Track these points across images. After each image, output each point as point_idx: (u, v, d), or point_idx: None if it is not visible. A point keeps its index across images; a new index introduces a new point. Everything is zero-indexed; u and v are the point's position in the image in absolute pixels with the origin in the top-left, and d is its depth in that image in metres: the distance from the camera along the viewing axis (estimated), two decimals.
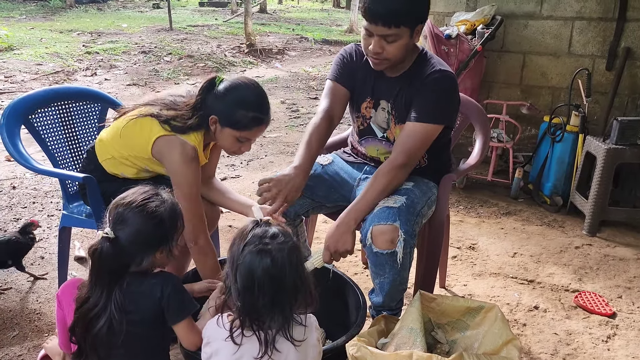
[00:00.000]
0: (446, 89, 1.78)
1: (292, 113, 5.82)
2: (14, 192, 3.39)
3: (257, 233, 1.28)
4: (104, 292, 1.33)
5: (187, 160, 1.66)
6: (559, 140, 3.25)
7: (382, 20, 1.63)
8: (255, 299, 1.24)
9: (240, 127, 1.69)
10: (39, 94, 2.03)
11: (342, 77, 1.91)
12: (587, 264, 2.61)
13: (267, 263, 1.23)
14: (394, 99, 1.83)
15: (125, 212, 1.34)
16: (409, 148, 1.77)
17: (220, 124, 1.69)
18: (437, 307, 1.73)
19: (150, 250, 1.37)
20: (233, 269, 1.27)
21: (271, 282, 1.24)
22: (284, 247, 1.27)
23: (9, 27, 10.47)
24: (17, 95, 6.17)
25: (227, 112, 1.67)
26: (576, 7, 3.54)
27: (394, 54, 1.70)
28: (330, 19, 17.15)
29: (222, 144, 1.78)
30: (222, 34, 11.40)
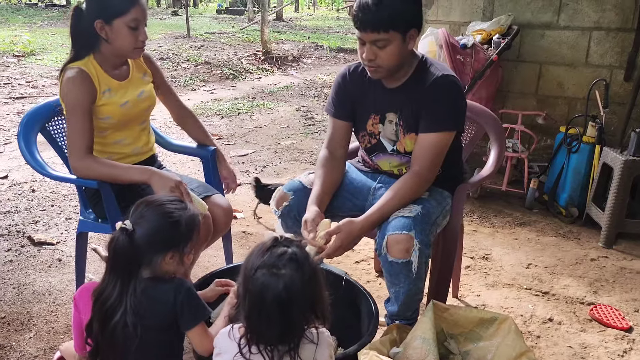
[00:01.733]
0: (452, 94, 1.79)
1: (307, 120, 5.85)
2: (33, 195, 3.45)
3: (274, 253, 1.23)
4: (117, 284, 1.35)
5: (65, 80, 1.79)
6: (575, 151, 3.23)
7: (370, 26, 1.65)
8: (262, 323, 1.21)
9: (125, 11, 1.76)
10: (54, 103, 2.06)
11: (338, 111, 1.96)
12: (603, 276, 2.58)
13: (277, 289, 1.18)
14: (401, 110, 1.84)
15: (147, 209, 1.38)
16: (429, 159, 1.79)
17: (106, 22, 1.77)
18: (450, 317, 1.73)
19: (161, 249, 1.38)
20: (244, 287, 1.24)
21: (279, 309, 1.19)
22: (298, 274, 1.21)
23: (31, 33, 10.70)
24: (37, 100, 6.29)
25: (106, 8, 1.76)
26: (594, 18, 3.52)
27: (387, 59, 1.71)
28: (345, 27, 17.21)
29: (121, 44, 1.82)
30: (238, 41, 11.50)
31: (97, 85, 1.84)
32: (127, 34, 1.81)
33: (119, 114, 1.91)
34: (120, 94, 1.90)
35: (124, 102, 1.91)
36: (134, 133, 2.01)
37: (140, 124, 2.03)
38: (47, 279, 2.41)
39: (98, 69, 1.86)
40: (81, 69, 1.81)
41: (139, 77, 1.99)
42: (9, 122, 5.29)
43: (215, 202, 2.00)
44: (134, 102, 1.95)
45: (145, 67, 2.03)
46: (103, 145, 1.93)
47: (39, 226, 2.98)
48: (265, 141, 5.01)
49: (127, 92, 1.93)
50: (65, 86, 1.81)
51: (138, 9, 1.80)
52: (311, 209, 1.79)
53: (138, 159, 2.04)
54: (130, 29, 1.80)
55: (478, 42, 3.53)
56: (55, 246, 2.73)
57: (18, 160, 4.12)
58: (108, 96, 1.87)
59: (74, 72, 1.80)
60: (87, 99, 1.80)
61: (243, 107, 6.37)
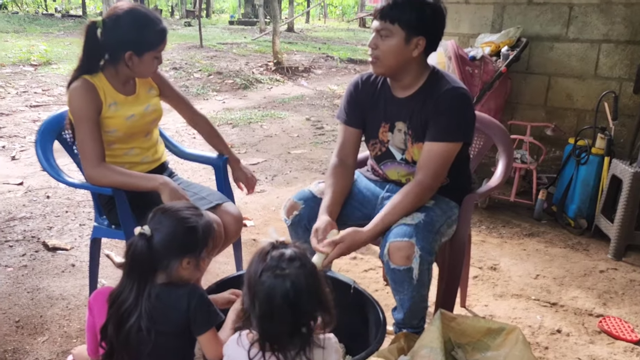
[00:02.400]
0: (461, 105, 1.82)
1: (317, 130, 5.90)
2: (47, 201, 3.51)
3: (274, 256, 1.26)
4: (134, 287, 1.38)
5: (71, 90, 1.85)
6: (584, 163, 3.23)
7: (379, 14, 1.76)
8: (274, 325, 1.23)
9: (156, 45, 1.86)
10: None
11: (350, 118, 2.00)
12: (612, 288, 2.58)
13: (285, 289, 1.21)
14: (410, 119, 1.87)
15: (163, 215, 1.42)
16: (433, 169, 1.81)
17: (137, 55, 1.85)
18: (457, 326, 1.74)
19: (177, 254, 1.41)
20: (250, 294, 1.26)
21: (290, 308, 1.22)
22: (301, 271, 1.24)
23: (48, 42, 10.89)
24: (53, 108, 6.40)
25: (140, 40, 1.83)
26: (603, 30, 3.54)
27: (385, 53, 1.77)
28: (355, 38, 17.31)
29: (144, 71, 1.92)
30: (250, 51, 11.62)
31: (102, 97, 1.89)
32: (152, 64, 1.90)
33: (125, 127, 1.96)
34: (126, 108, 1.96)
35: (129, 115, 1.96)
36: (141, 144, 2.06)
37: (145, 136, 2.08)
38: (61, 283, 2.46)
39: (105, 83, 1.91)
40: (87, 80, 1.87)
41: (145, 92, 2.06)
42: (25, 129, 5.39)
43: (226, 210, 2.03)
44: (141, 115, 2.01)
45: (151, 81, 2.09)
46: (114, 157, 1.98)
47: (53, 232, 3.03)
48: (276, 150, 5.05)
49: (133, 106, 1.99)
50: (71, 96, 1.87)
51: (164, 42, 1.91)
52: (322, 218, 1.82)
53: (148, 167, 2.08)
54: (155, 58, 1.89)
55: (487, 54, 3.55)
56: (69, 251, 2.79)
57: (34, 167, 4.20)
58: (114, 109, 1.92)
59: (79, 82, 1.86)
60: (92, 109, 1.85)
61: (254, 116, 6.44)
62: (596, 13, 3.54)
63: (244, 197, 3.68)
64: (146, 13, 1.89)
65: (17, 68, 8.35)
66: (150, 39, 1.85)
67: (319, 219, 1.83)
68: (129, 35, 1.83)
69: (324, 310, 1.29)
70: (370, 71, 1.97)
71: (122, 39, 1.83)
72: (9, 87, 7.18)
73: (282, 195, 3.77)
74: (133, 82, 2.02)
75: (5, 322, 2.15)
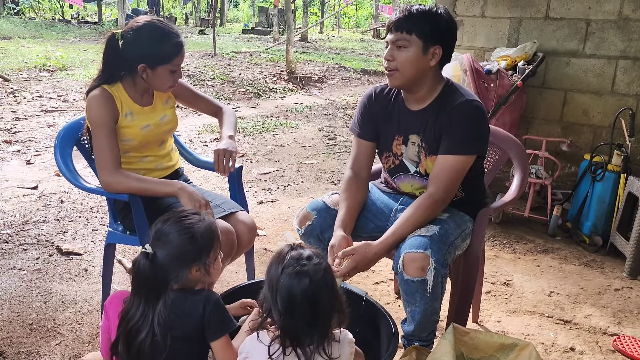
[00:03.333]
0: (475, 119, 1.81)
1: (329, 141, 5.90)
2: (61, 206, 3.54)
3: (293, 255, 1.34)
4: (141, 305, 1.39)
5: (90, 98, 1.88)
6: (600, 179, 3.20)
7: (395, 25, 1.77)
8: (296, 319, 1.29)
9: (171, 58, 1.87)
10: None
11: (363, 131, 2.00)
12: (627, 307, 2.55)
13: (305, 284, 1.29)
14: (423, 132, 1.87)
15: (163, 229, 1.43)
16: (445, 182, 1.80)
17: (150, 68, 1.86)
18: (470, 341, 1.72)
19: (184, 265, 1.42)
20: (272, 291, 1.32)
21: (310, 302, 1.29)
22: (319, 267, 1.33)
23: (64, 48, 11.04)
24: (68, 113, 6.48)
25: (153, 54, 1.85)
26: (620, 47, 3.52)
27: (402, 64, 1.77)
28: (369, 49, 17.37)
29: (158, 84, 1.93)
30: (263, 60, 11.69)
31: (119, 106, 1.92)
32: (167, 77, 1.92)
33: (140, 137, 1.98)
34: (142, 118, 1.99)
35: (145, 125, 1.99)
36: (155, 152, 2.09)
37: (160, 145, 2.10)
38: (74, 288, 2.47)
39: (122, 93, 1.94)
40: (105, 90, 1.90)
41: (162, 103, 2.08)
42: (40, 134, 5.45)
43: (239, 219, 2.04)
44: (156, 125, 2.03)
45: (169, 92, 2.11)
46: (129, 164, 2.00)
47: (66, 236, 3.05)
48: (288, 160, 5.07)
49: (149, 116, 2.01)
50: (89, 104, 1.90)
51: (181, 55, 1.91)
52: (337, 233, 1.82)
53: (163, 174, 2.10)
54: (171, 72, 1.91)
55: (503, 68, 3.55)
56: (82, 256, 2.80)
57: (48, 172, 4.25)
58: (130, 119, 1.95)
59: (98, 91, 1.90)
60: (109, 117, 1.88)
61: (266, 125, 6.47)
62: (613, 29, 3.53)
63: (255, 206, 3.69)
64: (162, 27, 1.90)
65: (34, 73, 8.47)
66: (164, 52, 1.87)
67: (334, 234, 1.83)
68: (143, 48, 1.85)
69: (339, 308, 1.36)
70: (385, 83, 1.98)
71: (137, 51, 1.86)
72: (25, 92, 7.28)
73: (293, 205, 3.77)
74: (151, 93, 2.04)
75: (19, 325, 2.16)
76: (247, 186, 4.17)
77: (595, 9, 3.55)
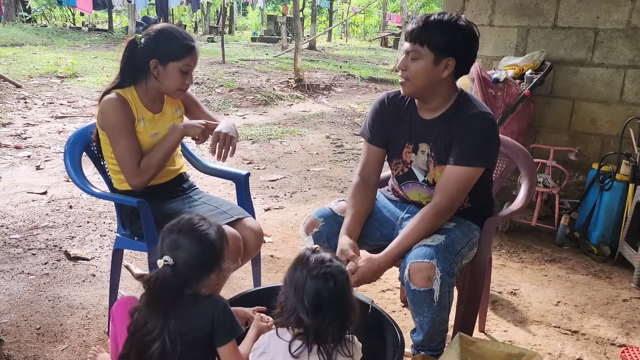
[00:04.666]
0: (486, 131, 1.81)
1: (337, 148, 5.91)
2: (70, 211, 3.57)
3: (317, 258, 1.40)
4: (154, 317, 1.38)
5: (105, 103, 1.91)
6: (608, 189, 3.19)
7: (409, 36, 1.78)
8: (323, 318, 1.35)
9: (180, 56, 1.91)
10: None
11: (374, 136, 2.00)
12: (635, 318, 2.52)
13: (331, 284, 1.36)
14: (434, 141, 1.87)
15: (179, 238, 1.42)
16: (451, 192, 1.80)
17: (161, 64, 1.91)
18: (476, 350, 1.72)
19: (206, 272, 1.44)
20: (298, 293, 1.37)
21: (336, 302, 1.36)
22: (342, 268, 1.41)
23: (75, 55, 11.15)
24: (78, 119, 6.54)
25: (164, 50, 1.90)
26: (629, 56, 3.51)
27: (414, 74, 1.78)
28: (377, 57, 17.42)
29: (169, 84, 1.96)
30: (271, 68, 11.75)
31: (134, 112, 1.95)
32: (177, 77, 1.95)
33: (149, 144, 2.01)
34: (152, 125, 2.02)
35: (154, 133, 2.02)
36: None
37: None
38: (81, 293, 2.49)
39: (135, 99, 1.98)
40: (120, 95, 1.94)
41: (172, 111, 2.12)
42: (50, 140, 5.50)
43: (246, 225, 2.05)
44: (164, 134, 2.05)
45: (178, 101, 2.15)
46: None
47: (75, 241, 3.08)
48: (295, 167, 5.08)
49: (159, 124, 2.05)
50: (106, 110, 1.93)
51: (192, 57, 1.96)
52: (343, 239, 1.83)
53: (167, 177, 2.12)
54: (181, 72, 1.95)
55: (510, 76, 3.55)
56: (90, 262, 2.82)
57: (57, 177, 4.28)
58: (142, 125, 1.98)
59: (114, 96, 1.93)
60: (129, 121, 1.92)
61: (274, 132, 6.49)
62: (622, 39, 3.52)
63: (262, 213, 3.70)
64: (176, 29, 1.98)
65: (44, 80, 8.56)
66: (174, 49, 1.92)
67: (340, 241, 1.84)
68: (156, 44, 1.93)
69: (354, 308, 1.42)
70: (398, 90, 1.99)
71: (151, 48, 1.93)
72: (36, 98, 7.36)
73: (300, 212, 3.77)
74: (161, 100, 2.07)
75: (26, 329, 2.17)
76: (254, 193, 4.18)
77: (603, 18, 3.55)
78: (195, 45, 1.98)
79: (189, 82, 1.99)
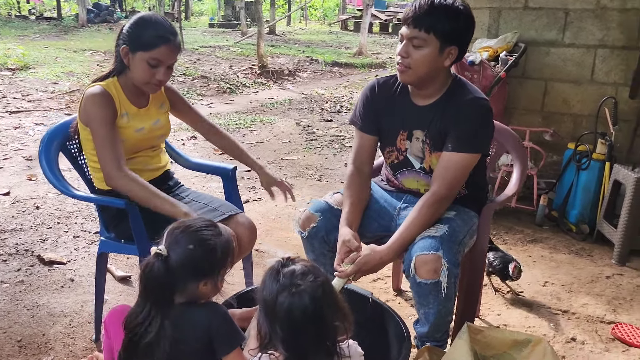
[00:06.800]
0: (483, 117, 1.79)
1: (308, 135, 5.84)
2: (37, 212, 3.39)
3: (286, 273, 1.26)
4: (150, 309, 1.32)
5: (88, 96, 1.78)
6: (586, 168, 3.25)
7: (414, 22, 1.68)
8: (300, 343, 1.23)
9: (149, 47, 1.78)
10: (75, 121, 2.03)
11: (366, 125, 1.94)
12: (620, 294, 2.59)
13: (304, 305, 1.22)
14: (428, 128, 1.83)
15: (181, 235, 1.36)
16: (450, 179, 1.77)
17: (130, 51, 1.80)
18: (483, 339, 1.70)
19: (196, 276, 1.36)
20: (269, 317, 1.25)
21: (312, 323, 1.23)
22: (316, 284, 1.26)
23: (24, 45, 10.59)
24: (35, 114, 6.22)
25: (134, 37, 1.80)
26: (599, 36, 3.56)
27: (417, 62, 1.70)
28: (338, 41, 17.30)
29: (136, 75, 1.84)
30: (233, 55, 11.51)
31: (117, 106, 1.84)
32: (144, 69, 1.82)
33: (133, 139, 1.91)
34: (137, 121, 1.91)
35: (139, 128, 1.92)
36: (146, 153, 2.01)
37: (151, 149, 2.03)
38: (62, 299, 2.36)
39: (120, 92, 1.87)
40: (103, 89, 1.82)
41: (157, 107, 2.01)
42: (7, 136, 5.22)
43: (239, 222, 1.97)
44: (149, 129, 1.96)
45: (164, 96, 2.05)
46: None
47: (47, 245, 2.92)
48: (269, 156, 4.98)
49: (143, 119, 1.94)
50: (88, 103, 1.81)
51: (162, 51, 1.81)
52: (343, 230, 1.78)
53: (152, 175, 2.02)
54: (148, 64, 1.81)
55: (485, 59, 3.55)
56: (66, 265, 2.68)
57: (19, 176, 4.06)
58: (126, 120, 1.87)
59: (97, 89, 1.81)
60: (110, 115, 1.80)
61: (243, 121, 6.36)
62: (591, 18, 3.56)
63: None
64: (159, 19, 1.85)
65: None
66: (145, 38, 1.79)
67: (341, 232, 1.78)
68: (131, 30, 1.82)
69: (342, 318, 1.30)
70: (388, 75, 1.94)
71: (127, 35, 1.82)
72: None
73: (280, 203, 3.69)
74: (146, 95, 1.96)
75: (7, 342, 2.04)
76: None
77: None
78: (172, 38, 1.82)
79: (159, 78, 1.83)
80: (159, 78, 1.83)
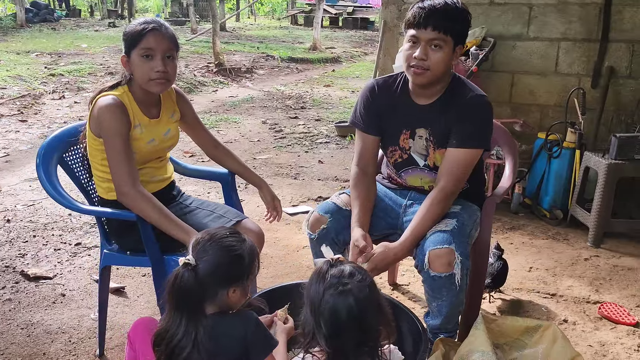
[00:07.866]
0: (485, 113, 1.86)
1: (277, 133, 5.83)
2: (9, 226, 3.23)
3: (334, 274, 1.29)
4: (182, 321, 1.31)
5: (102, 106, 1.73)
6: (557, 156, 3.40)
7: (433, 24, 1.69)
8: (343, 342, 1.25)
9: (138, 41, 1.76)
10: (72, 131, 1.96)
11: (368, 125, 1.97)
12: (599, 275, 2.74)
13: (350, 304, 1.25)
14: (432, 126, 1.88)
15: (207, 244, 1.35)
16: (456, 175, 1.83)
17: (127, 55, 1.80)
18: (497, 328, 1.78)
19: (225, 284, 1.35)
20: (315, 315, 1.28)
21: (356, 323, 1.25)
22: (363, 284, 1.29)
23: None
24: None
25: (126, 41, 1.79)
26: (561, 29, 3.73)
27: (436, 63, 1.73)
28: (290, 36, 17.26)
29: (138, 76, 1.81)
30: (187, 53, 11.27)
31: (131, 117, 1.79)
32: (141, 64, 1.77)
33: (145, 151, 1.86)
34: (148, 132, 1.86)
35: (150, 140, 1.87)
36: (153, 164, 1.96)
37: (158, 159, 1.99)
38: (56, 316, 2.27)
39: (132, 102, 1.82)
40: (118, 99, 1.76)
41: (168, 116, 1.95)
42: None
43: (246, 227, 1.96)
44: (160, 141, 1.92)
45: (175, 106, 1.99)
46: None
47: (27, 259, 2.80)
48: (240, 156, 4.80)
49: (154, 130, 1.89)
50: (102, 113, 1.74)
51: (150, 39, 1.76)
52: (356, 232, 1.81)
53: (159, 186, 1.98)
54: (143, 58, 1.76)
55: None
56: (54, 280, 2.58)
57: None
58: (139, 131, 1.82)
59: (110, 99, 1.75)
60: (125, 126, 1.75)
61: (207, 121, 6.26)
62: (554, 13, 3.73)
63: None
64: (139, 19, 1.84)
65: None
66: (133, 36, 1.77)
67: (353, 233, 1.81)
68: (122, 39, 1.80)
69: (385, 322, 1.33)
70: (386, 76, 1.97)
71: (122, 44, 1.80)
72: None
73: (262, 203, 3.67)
74: (159, 104, 1.91)
75: None
76: (207, 188, 4.03)
77: None
78: (156, 27, 1.78)
79: (158, 68, 1.77)
80: (158, 68, 1.77)
